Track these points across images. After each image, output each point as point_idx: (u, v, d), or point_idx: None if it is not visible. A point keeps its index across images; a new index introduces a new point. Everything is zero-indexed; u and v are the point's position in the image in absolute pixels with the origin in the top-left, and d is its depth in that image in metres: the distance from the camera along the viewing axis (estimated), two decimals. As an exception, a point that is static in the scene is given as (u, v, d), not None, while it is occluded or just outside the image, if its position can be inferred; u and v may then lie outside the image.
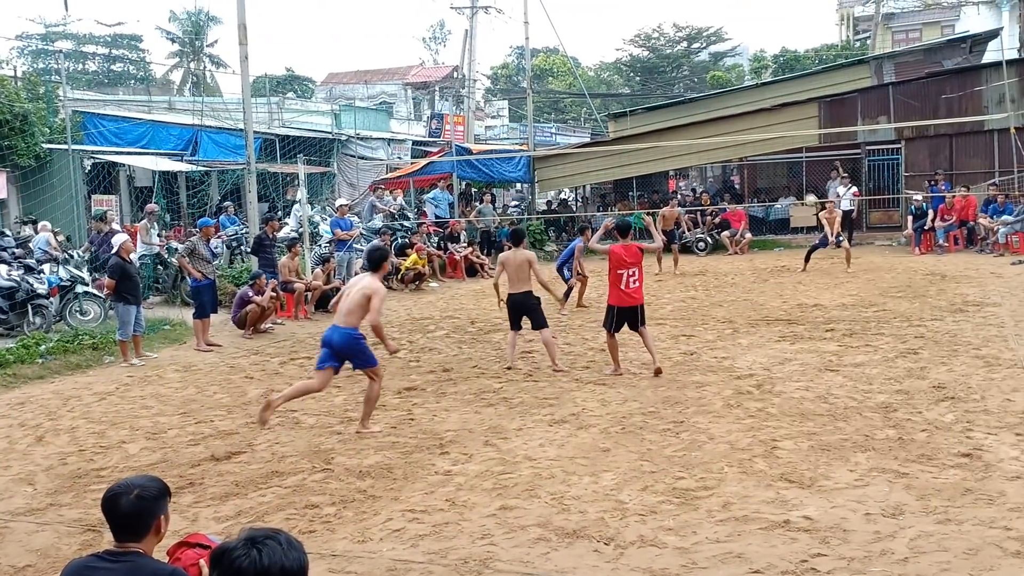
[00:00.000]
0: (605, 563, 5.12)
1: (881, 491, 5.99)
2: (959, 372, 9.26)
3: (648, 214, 18.88)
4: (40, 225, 16.40)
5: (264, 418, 8.06)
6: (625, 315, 9.81)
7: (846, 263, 18.42)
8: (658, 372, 9.68)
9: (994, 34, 29.19)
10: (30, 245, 15.59)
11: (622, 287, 9.76)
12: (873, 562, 4.94)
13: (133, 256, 12.83)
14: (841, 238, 18.63)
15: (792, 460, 6.72)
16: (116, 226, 17.33)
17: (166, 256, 16.45)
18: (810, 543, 5.23)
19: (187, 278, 14.40)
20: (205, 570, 3.45)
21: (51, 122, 20.61)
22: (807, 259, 18.71)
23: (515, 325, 10.72)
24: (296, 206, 19.55)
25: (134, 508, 3.14)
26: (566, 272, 14.84)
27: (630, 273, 9.70)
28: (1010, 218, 19.86)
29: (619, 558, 5.17)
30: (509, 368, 10.55)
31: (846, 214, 22.92)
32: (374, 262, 8.29)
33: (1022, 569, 4.76)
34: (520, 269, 10.55)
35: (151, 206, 17.38)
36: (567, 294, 14.63)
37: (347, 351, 7.98)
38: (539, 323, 10.62)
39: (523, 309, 10.63)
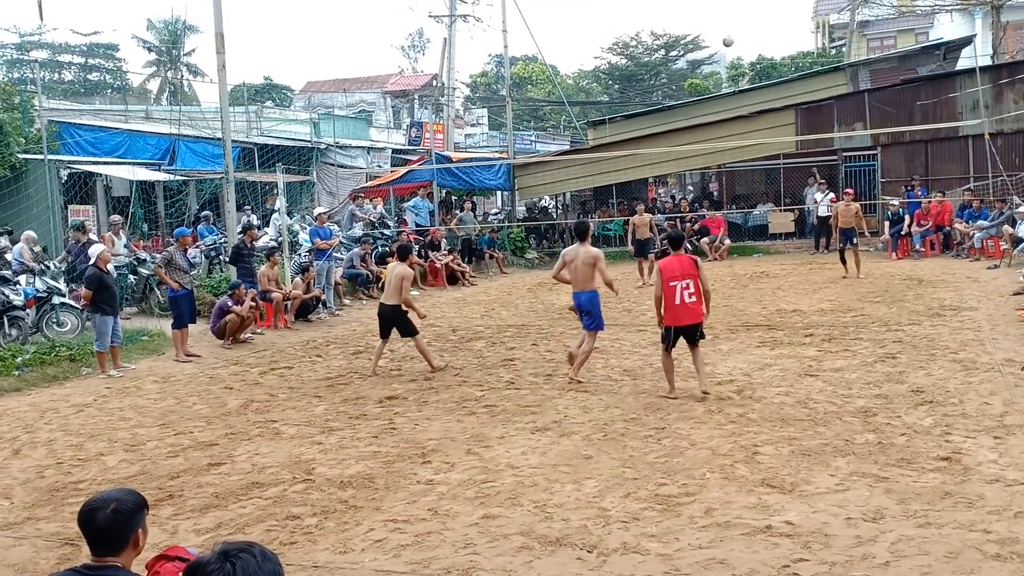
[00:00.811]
0: (588, 571, 5.11)
1: (862, 495, 6.02)
2: (937, 376, 9.33)
3: (626, 222, 18.87)
4: (24, 235, 16.26)
5: (574, 377, 9.88)
6: (682, 332, 8.99)
7: (856, 269, 17.50)
8: (705, 395, 8.87)
9: (968, 41, 29.55)
10: (6, 256, 15.42)
11: (676, 302, 8.85)
12: (854, 566, 4.97)
13: (110, 266, 12.72)
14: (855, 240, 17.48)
15: (773, 465, 6.74)
16: (93, 236, 17.17)
17: (136, 265, 16.35)
18: (792, 548, 5.25)
19: (156, 289, 14.33)
20: None
21: (26, 132, 20.39)
22: (843, 261, 17.59)
23: (384, 334, 11.15)
24: (275, 215, 19.46)
25: (111, 522, 3.10)
26: None
27: (684, 285, 8.81)
28: (985, 223, 20.06)
29: (602, 565, 5.16)
30: (373, 375, 10.93)
31: (823, 220, 23.11)
32: (582, 234, 10.28)
33: (1002, 572, 4.80)
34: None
35: (114, 217, 17.43)
36: None
37: (589, 306, 10.02)
38: (407, 332, 11.11)
39: (390, 321, 11.08)
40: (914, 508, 5.75)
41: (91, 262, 12.06)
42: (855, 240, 17.44)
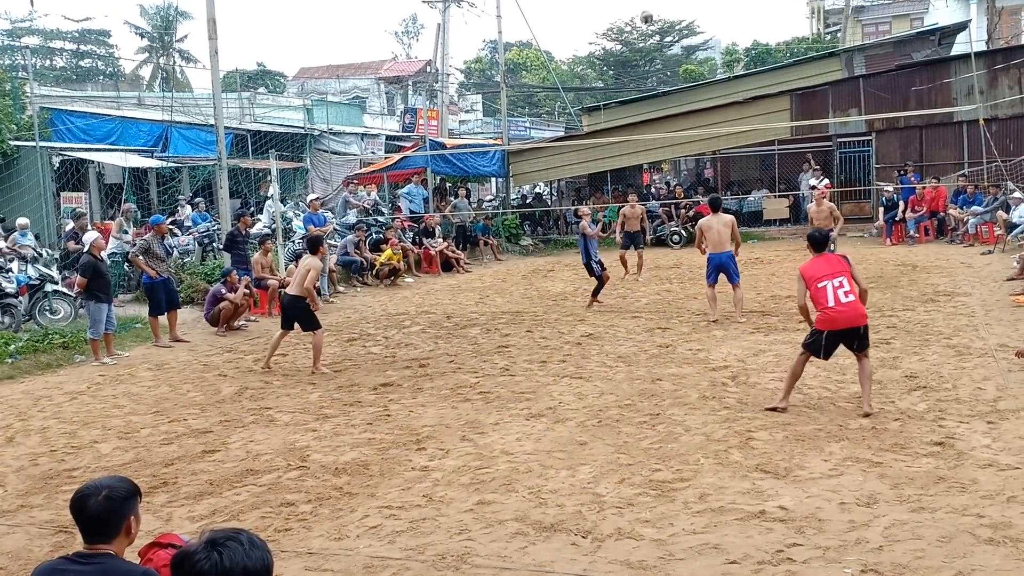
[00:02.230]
0: (583, 556, 5.12)
1: (855, 480, 6.04)
2: (931, 361, 9.35)
3: (631, 207, 18.63)
4: (18, 222, 16.22)
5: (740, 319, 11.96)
6: (840, 339, 7.66)
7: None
8: (866, 415, 7.46)
9: (962, 26, 29.51)
10: (2, 244, 15.35)
11: (830, 303, 7.55)
12: (848, 551, 4.98)
13: (104, 254, 12.69)
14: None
15: (767, 451, 6.76)
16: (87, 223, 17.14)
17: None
18: (786, 533, 5.26)
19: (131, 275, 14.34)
20: None
21: (18, 119, 20.29)
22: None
23: (286, 326, 10.86)
24: (269, 202, 19.40)
25: (102, 509, 3.09)
26: (596, 266, 14.27)
27: (836, 284, 7.58)
28: (979, 209, 20.09)
29: (597, 551, 5.17)
30: (266, 368, 10.74)
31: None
32: (715, 206, 12.76)
33: (995, 556, 4.82)
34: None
35: (128, 205, 17.34)
36: (599, 288, 14.35)
37: (730, 263, 12.33)
38: (309, 326, 10.69)
39: (293, 313, 10.73)
40: (907, 493, 5.76)
41: (84, 249, 12.04)
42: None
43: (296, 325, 10.74)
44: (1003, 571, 4.65)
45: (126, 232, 16.46)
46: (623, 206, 18.21)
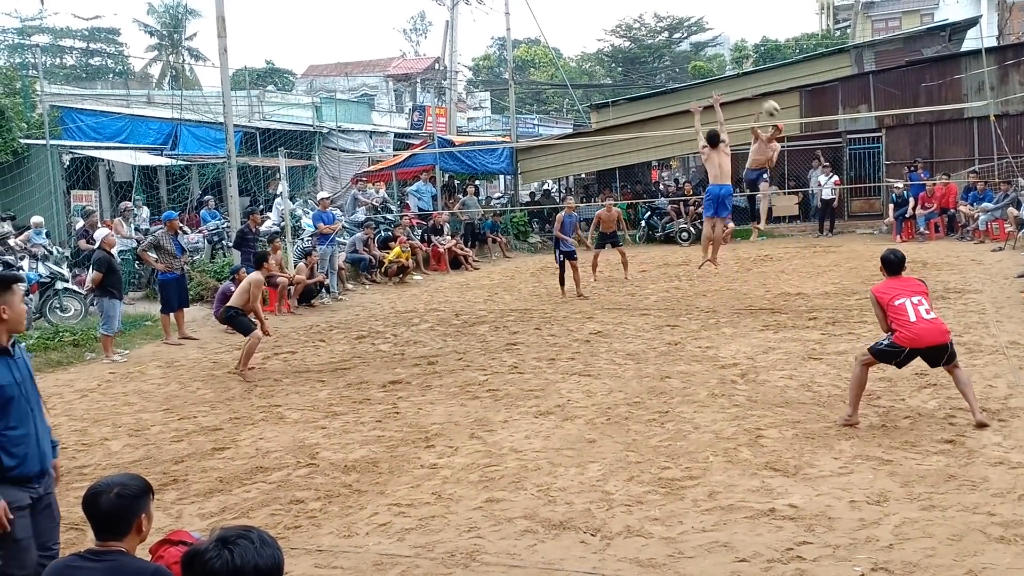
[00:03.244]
0: (592, 554, 5.12)
1: (865, 478, 6.02)
2: (941, 359, 9.30)
3: (630, 205, 18.66)
4: (33, 221, 16.32)
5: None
6: (923, 356, 7.16)
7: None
8: (980, 425, 6.98)
9: (973, 22, 29.36)
10: (9, 242, 15.41)
11: (912, 319, 7.03)
12: (858, 549, 4.97)
13: (114, 251, 12.75)
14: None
15: (777, 448, 6.74)
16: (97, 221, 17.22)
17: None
18: (795, 531, 5.25)
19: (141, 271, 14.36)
20: None
21: (28, 117, 20.34)
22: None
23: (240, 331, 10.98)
24: (278, 200, 19.43)
25: (114, 506, 3.11)
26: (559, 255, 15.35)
27: (916, 301, 7.13)
28: (990, 205, 19.99)
29: (606, 549, 5.17)
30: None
31: (827, 203, 23.04)
32: (713, 141, 12.54)
33: (1006, 554, 4.80)
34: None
35: (125, 204, 17.41)
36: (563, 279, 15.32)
37: (727, 198, 12.46)
38: (243, 331, 10.75)
39: (228, 323, 11.11)
40: (918, 491, 5.74)
41: (96, 245, 12.12)
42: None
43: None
44: (1014, 569, 4.63)
45: (135, 227, 16.56)
46: (630, 203, 18.17)
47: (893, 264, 7.57)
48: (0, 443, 4.10)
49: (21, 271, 13.66)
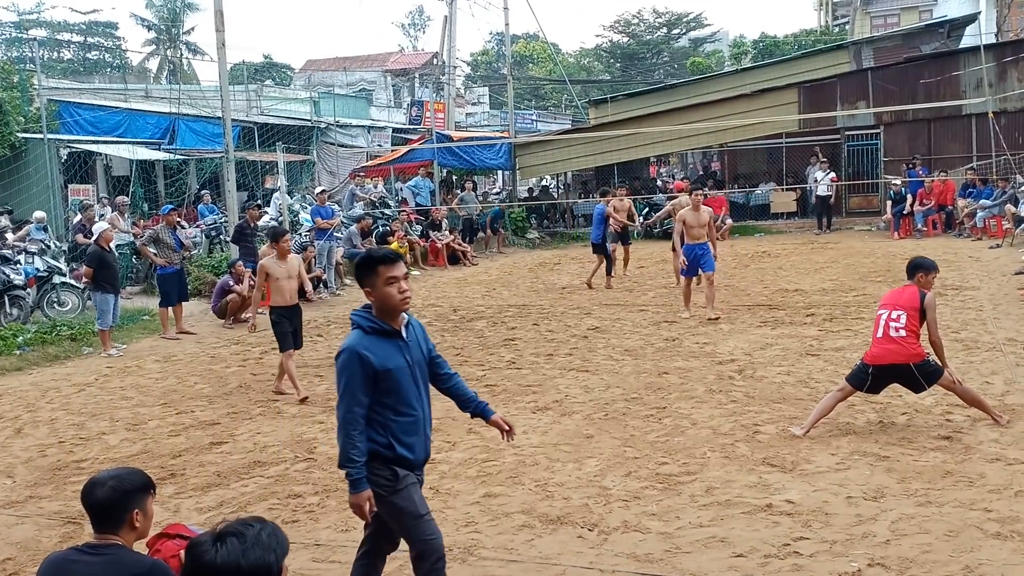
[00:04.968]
0: (589, 549, 5.12)
1: (862, 474, 6.03)
2: (938, 355, 9.31)
3: (620, 200, 18.51)
4: (35, 216, 16.32)
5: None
6: (887, 376, 6.98)
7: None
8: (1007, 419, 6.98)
9: (972, 19, 29.33)
10: (7, 236, 15.41)
11: (878, 334, 7.01)
12: (855, 545, 4.98)
13: (112, 245, 12.73)
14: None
15: (774, 444, 6.75)
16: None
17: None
18: (792, 527, 5.26)
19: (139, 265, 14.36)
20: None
21: (26, 111, 20.32)
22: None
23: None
24: (276, 195, 19.42)
25: (107, 499, 3.11)
26: (609, 246, 15.72)
27: (891, 316, 6.99)
28: (988, 202, 20.00)
29: (603, 544, 5.17)
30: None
31: (823, 200, 23.03)
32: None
33: (1002, 550, 4.81)
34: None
35: (120, 198, 17.49)
36: (610, 268, 15.69)
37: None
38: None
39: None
40: (915, 487, 5.75)
41: (93, 239, 12.11)
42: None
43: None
44: (1011, 565, 4.64)
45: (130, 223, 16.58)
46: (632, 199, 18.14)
47: (910, 267, 7.50)
48: (392, 430, 3.95)
49: (19, 265, 13.67)
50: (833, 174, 22.89)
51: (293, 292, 9.26)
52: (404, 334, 4.04)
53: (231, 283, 13.76)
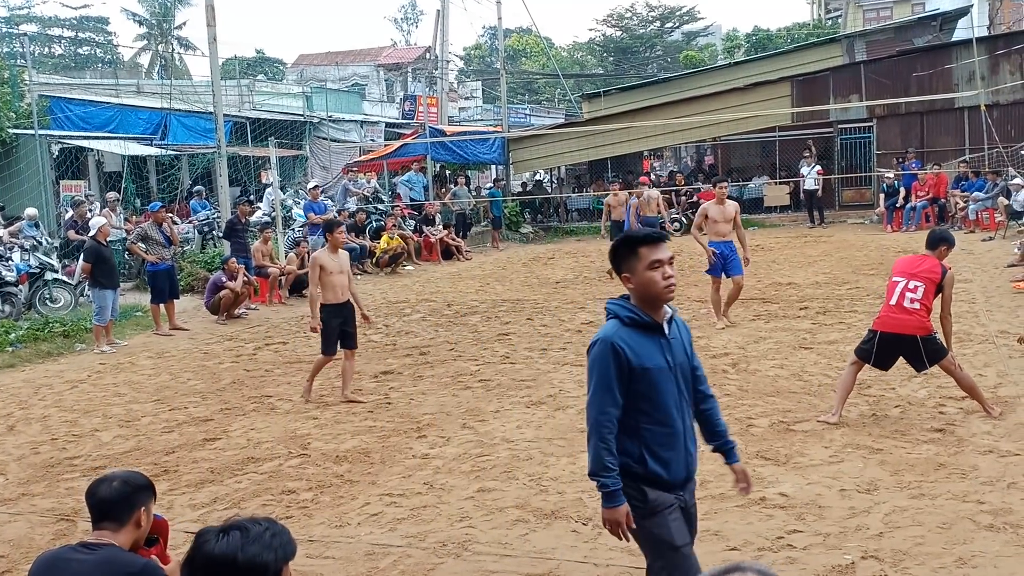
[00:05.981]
0: (583, 543, 5.13)
1: (856, 467, 6.05)
2: (931, 348, 9.33)
3: (614, 195, 18.52)
4: (27, 212, 16.26)
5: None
6: (892, 346, 6.97)
7: None
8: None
9: (964, 12, 29.38)
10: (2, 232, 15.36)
11: (892, 301, 6.94)
12: (848, 537, 4.99)
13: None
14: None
15: (767, 437, 6.76)
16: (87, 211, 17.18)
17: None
18: (786, 519, 5.27)
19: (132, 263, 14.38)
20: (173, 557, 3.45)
21: (16, 107, 20.22)
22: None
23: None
24: (268, 190, 19.37)
25: (116, 492, 3.15)
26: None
27: (908, 286, 6.90)
28: (980, 195, 20.04)
29: (597, 537, 5.17)
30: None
31: (810, 193, 23.02)
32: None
33: (995, 542, 4.83)
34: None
35: (111, 194, 17.60)
36: None
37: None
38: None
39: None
40: (908, 479, 5.77)
41: (90, 234, 12.09)
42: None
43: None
44: (1003, 557, 4.66)
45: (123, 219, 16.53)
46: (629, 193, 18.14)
47: (930, 240, 7.36)
48: (645, 441, 3.43)
49: (11, 261, 13.62)
50: (819, 167, 22.87)
51: (345, 288, 8.71)
52: (666, 330, 3.50)
53: (224, 279, 13.72)
